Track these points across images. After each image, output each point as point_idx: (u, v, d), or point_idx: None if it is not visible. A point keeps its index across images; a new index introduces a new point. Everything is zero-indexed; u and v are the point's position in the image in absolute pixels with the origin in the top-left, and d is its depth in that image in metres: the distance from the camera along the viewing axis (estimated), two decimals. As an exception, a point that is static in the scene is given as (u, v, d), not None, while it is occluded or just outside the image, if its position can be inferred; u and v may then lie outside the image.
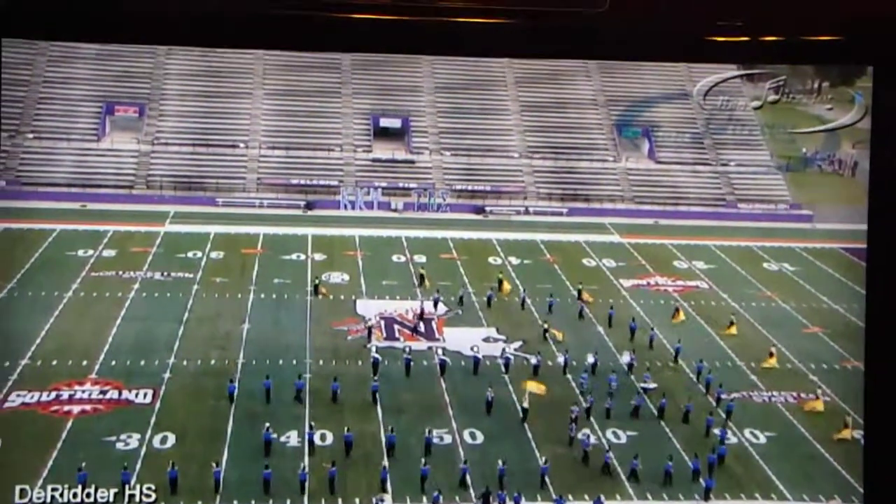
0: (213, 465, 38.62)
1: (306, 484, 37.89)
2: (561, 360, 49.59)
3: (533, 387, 45.11)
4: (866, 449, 16.75)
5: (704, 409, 45.25)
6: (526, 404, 43.51)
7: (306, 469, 38.47)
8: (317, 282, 58.69)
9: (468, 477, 39.11)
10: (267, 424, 40.97)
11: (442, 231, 70.24)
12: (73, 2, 14.59)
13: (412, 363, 48.18)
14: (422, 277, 60.32)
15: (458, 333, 52.36)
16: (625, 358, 50.08)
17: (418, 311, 54.81)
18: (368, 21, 14.80)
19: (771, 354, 51.05)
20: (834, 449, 42.44)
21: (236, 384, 44.97)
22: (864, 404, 16.80)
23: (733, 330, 54.86)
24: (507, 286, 59.91)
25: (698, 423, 44.20)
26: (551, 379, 47.63)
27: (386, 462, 39.71)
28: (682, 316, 56.45)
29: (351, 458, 39.90)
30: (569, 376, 48.22)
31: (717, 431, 43.39)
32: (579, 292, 59.17)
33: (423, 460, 39.58)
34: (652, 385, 47.56)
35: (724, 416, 44.92)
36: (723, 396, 46.39)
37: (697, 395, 47.03)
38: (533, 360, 49.12)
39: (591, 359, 49.45)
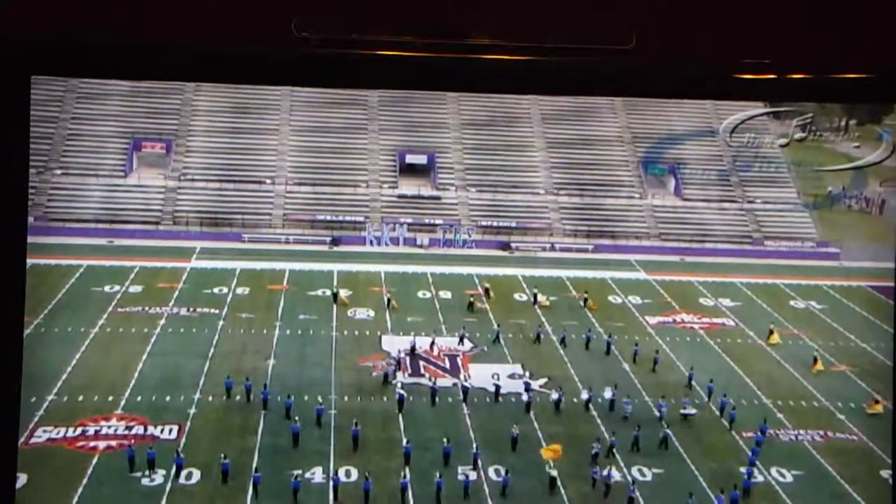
0: (222, 456, 40.01)
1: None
2: (585, 396, 49.54)
3: (550, 454, 44.18)
4: (895, 489, 16.56)
5: (732, 446, 45.20)
6: (554, 472, 42.32)
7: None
8: (335, 290, 59.99)
9: None
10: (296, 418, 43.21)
11: (467, 267, 70.16)
12: (103, 39, 14.71)
13: (437, 397, 48.43)
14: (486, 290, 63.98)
15: (484, 370, 52.24)
16: (607, 394, 49.67)
17: (457, 345, 55.50)
18: (396, 58, 14.85)
19: (877, 402, 49.56)
20: (862, 489, 41.92)
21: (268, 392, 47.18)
22: (893, 444, 16.60)
23: (820, 366, 54.51)
24: (542, 299, 62.42)
25: (727, 460, 44.20)
26: (575, 415, 47.77)
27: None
28: (820, 365, 54.91)
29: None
30: (594, 413, 48.19)
31: (742, 470, 43.16)
32: (585, 300, 62.17)
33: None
34: (692, 411, 47.69)
35: (749, 453, 44.68)
36: (748, 434, 46.37)
37: (724, 432, 46.91)
38: (554, 396, 49.11)
39: (608, 393, 49.63)
